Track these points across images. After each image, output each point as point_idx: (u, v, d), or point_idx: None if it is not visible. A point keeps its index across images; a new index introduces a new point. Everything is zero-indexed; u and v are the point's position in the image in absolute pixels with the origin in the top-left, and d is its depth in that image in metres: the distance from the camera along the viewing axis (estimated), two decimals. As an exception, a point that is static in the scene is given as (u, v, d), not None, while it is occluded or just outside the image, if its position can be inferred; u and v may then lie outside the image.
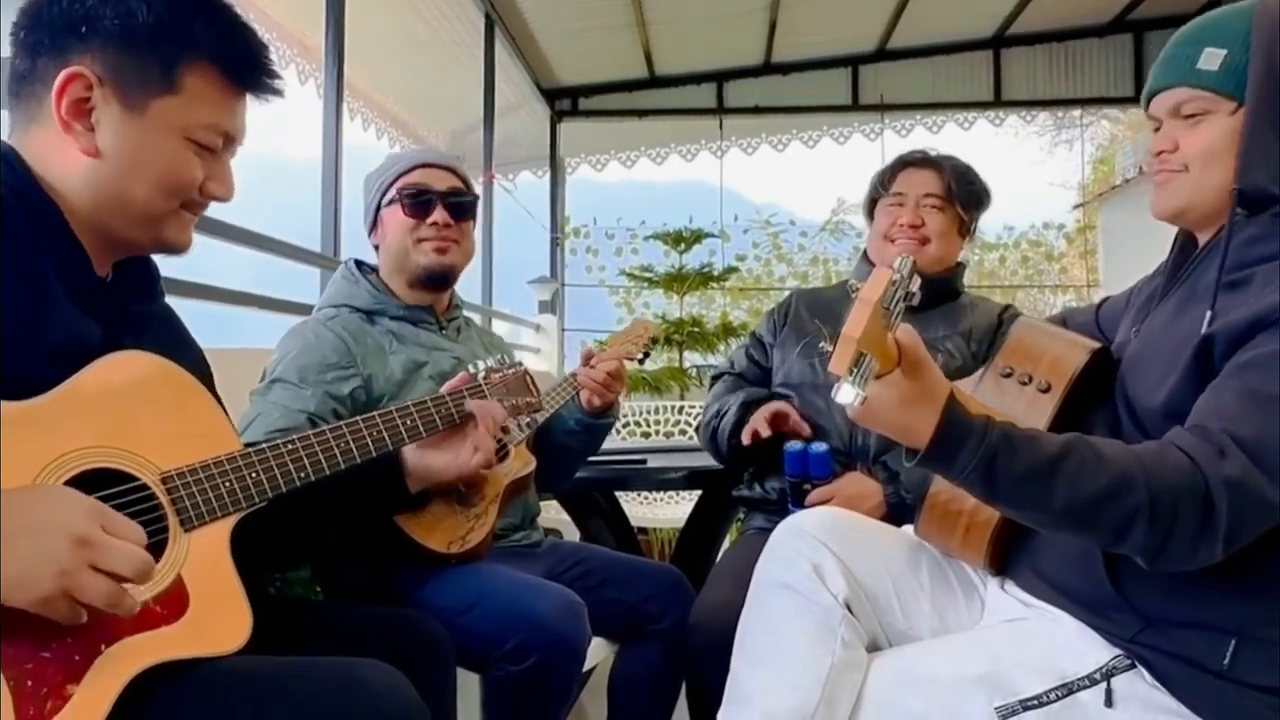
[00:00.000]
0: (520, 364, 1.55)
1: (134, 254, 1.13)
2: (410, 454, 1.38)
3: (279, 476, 1.11)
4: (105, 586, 0.84)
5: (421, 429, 1.32)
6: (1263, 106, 1.13)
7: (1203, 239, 1.25)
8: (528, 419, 1.62)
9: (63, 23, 1.01)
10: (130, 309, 1.11)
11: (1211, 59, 1.16)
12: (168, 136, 1.05)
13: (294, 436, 1.16)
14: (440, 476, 1.40)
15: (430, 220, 1.74)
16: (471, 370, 1.47)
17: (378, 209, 1.78)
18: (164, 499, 1.01)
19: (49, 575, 0.81)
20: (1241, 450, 1.01)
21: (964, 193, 1.94)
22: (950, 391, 1.06)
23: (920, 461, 1.06)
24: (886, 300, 0.98)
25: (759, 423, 1.83)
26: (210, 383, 1.20)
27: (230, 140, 1.11)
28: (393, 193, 1.76)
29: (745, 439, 1.84)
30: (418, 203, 1.74)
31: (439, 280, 1.78)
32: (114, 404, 1.00)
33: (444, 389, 1.40)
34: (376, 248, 1.82)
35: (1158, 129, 1.24)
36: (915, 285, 1.03)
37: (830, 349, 0.95)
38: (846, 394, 0.93)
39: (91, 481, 0.95)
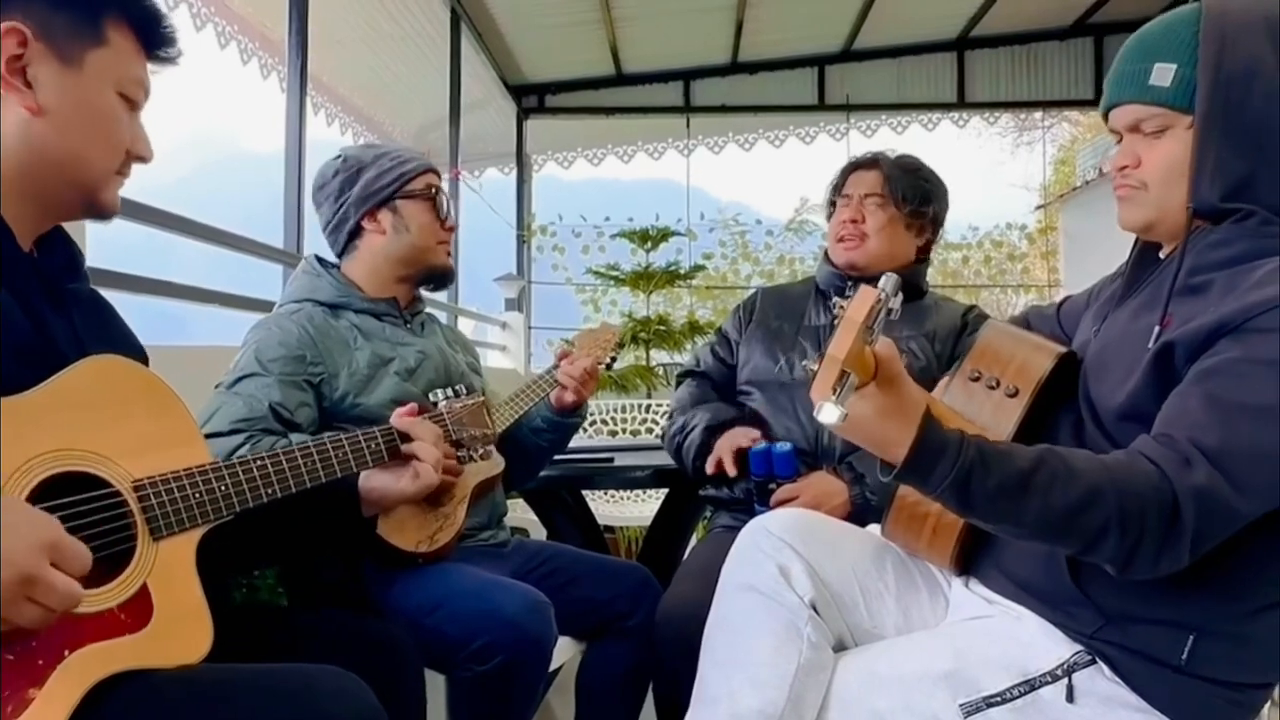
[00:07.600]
0: (480, 396, 1.56)
1: (64, 219, 1.11)
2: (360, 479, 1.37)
3: (247, 491, 1.11)
4: (35, 615, 0.83)
5: (385, 453, 1.32)
6: (1211, 118, 1.12)
7: (1167, 245, 1.26)
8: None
9: None
10: (59, 285, 1.08)
11: (1163, 74, 1.15)
12: (105, 90, 1.05)
13: (263, 453, 1.16)
14: (387, 501, 1.40)
15: (448, 224, 1.81)
16: (431, 399, 1.49)
17: (390, 197, 1.75)
18: (135, 507, 1.00)
19: None
20: (1206, 458, 1.02)
21: (906, 188, 1.96)
22: (926, 406, 1.05)
23: (896, 476, 1.06)
24: (870, 319, 0.97)
25: (724, 453, 1.84)
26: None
27: (144, 99, 1.11)
28: (419, 186, 1.76)
29: (710, 468, 1.87)
30: (439, 205, 1.80)
31: (447, 279, 1.86)
32: (90, 407, 0.99)
33: (394, 417, 1.39)
34: (357, 235, 1.78)
35: (1119, 140, 1.24)
36: (897, 302, 1.02)
37: (815, 368, 0.95)
38: (830, 414, 0.93)
39: (64, 484, 0.94)
